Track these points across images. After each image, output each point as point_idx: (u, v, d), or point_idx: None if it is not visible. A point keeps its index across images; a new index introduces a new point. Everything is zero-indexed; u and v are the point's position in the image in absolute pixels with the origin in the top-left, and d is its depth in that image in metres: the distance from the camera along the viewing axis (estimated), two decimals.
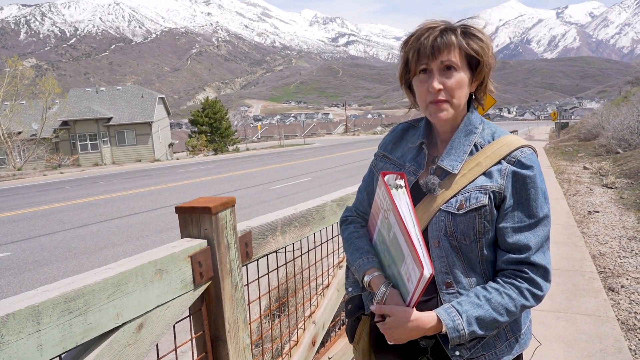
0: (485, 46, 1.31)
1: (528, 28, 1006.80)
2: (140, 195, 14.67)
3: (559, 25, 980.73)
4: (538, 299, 1.28)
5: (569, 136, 31.75)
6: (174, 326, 1.47)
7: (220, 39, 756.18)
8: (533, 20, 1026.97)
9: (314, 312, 2.50)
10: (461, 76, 1.30)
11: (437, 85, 1.27)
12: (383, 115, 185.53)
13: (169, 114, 51.99)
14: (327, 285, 2.69)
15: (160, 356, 1.45)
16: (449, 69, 1.28)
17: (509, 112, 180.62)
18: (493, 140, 1.34)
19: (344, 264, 2.82)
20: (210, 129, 48.61)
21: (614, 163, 13.75)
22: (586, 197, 9.22)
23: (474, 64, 1.32)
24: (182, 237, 1.59)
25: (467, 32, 1.30)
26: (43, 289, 1.10)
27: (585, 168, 13.69)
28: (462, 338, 1.22)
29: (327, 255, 2.72)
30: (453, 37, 1.28)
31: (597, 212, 7.77)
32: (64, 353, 1.09)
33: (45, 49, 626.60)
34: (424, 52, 1.28)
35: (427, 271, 1.12)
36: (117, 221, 10.21)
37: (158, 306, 1.35)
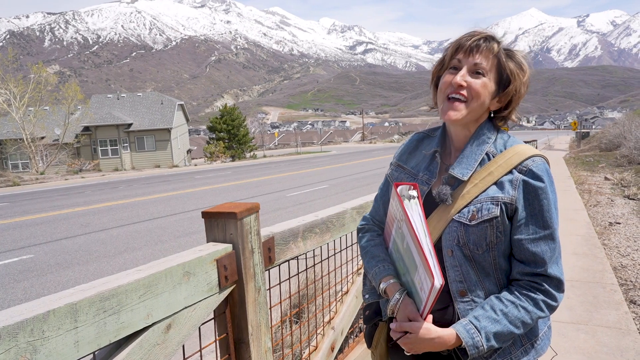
0: (521, 73, 1.33)
1: (548, 37, 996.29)
2: (159, 200, 14.86)
3: (580, 34, 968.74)
4: (552, 309, 1.31)
5: (590, 146, 31.25)
6: (199, 328, 1.51)
7: (239, 47, 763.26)
8: (553, 28, 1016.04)
9: (333, 318, 2.52)
10: (487, 82, 1.31)
11: (460, 79, 1.29)
12: (400, 124, 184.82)
13: (187, 120, 52.62)
14: (346, 292, 2.72)
15: (185, 356, 1.49)
16: (478, 74, 1.30)
17: (528, 122, 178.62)
18: (505, 149, 1.35)
19: (363, 271, 2.84)
20: (228, 135, 49.05)
21: (636, 174, 13.50)
22: (607, 208, 9.07)
23: (504, 83, 1.34)
24: (207, 241, 1.64)
25: (510, 53, 1.33)
26: (79, 288, 1.15)
27: (606, 179, 13.47)
28: (481, 353, 1.25)
29: (346, 262, 2.75)
30: (495, 46, 1.31)
31: (619, 223, 7.64)
32: (97, 350, 1.14)
33: (69, 55, 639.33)
34: (462, 47, 1.31)
35: (438, 282, 1.14)
36: (137, 226, 10.36)
37: (185, 307, 1.39)
